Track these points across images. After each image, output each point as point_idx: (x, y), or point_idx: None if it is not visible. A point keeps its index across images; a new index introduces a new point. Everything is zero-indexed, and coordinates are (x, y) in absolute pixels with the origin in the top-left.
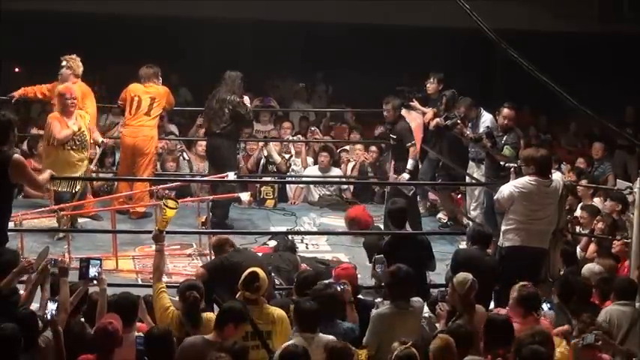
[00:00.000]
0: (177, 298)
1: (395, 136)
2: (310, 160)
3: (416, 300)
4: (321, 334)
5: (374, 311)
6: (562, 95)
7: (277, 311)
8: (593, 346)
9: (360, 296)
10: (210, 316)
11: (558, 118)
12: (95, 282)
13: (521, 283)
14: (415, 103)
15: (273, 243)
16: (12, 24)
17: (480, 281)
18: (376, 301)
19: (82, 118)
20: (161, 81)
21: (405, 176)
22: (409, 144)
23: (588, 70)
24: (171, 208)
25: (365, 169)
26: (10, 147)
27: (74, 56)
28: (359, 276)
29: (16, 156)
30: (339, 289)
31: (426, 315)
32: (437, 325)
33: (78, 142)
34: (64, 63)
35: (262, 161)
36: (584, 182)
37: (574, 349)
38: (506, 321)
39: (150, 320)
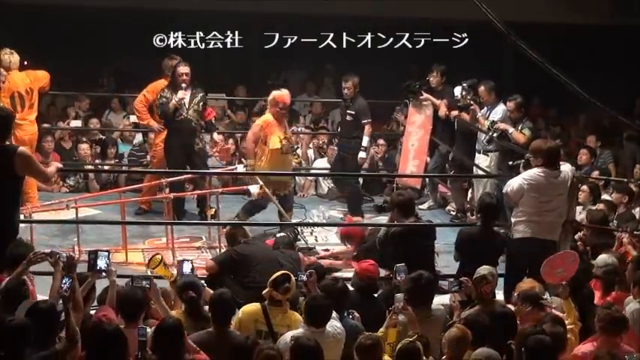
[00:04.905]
0: None
1: (353, 112)
2: (310, 152)
3: (436, 308)
4: (328, 327)
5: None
6: (572, 87)
7: (296, 316)
8: None
9: None
10: None
11: (568, 111)
12: (104, 274)
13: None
14: (427, 95)
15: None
16: (21, 16)
17: (483, 260)
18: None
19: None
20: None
21: (362, 154)
22: (365, 121)
23: (598, 63)
24: (152, 268)
25: (374, 163)
26: (11, 141)
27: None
28: None
29: (22, 148)
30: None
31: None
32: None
33: (288, 147)
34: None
35: None
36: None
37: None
38: (506, 312)
39: (164, 304)
